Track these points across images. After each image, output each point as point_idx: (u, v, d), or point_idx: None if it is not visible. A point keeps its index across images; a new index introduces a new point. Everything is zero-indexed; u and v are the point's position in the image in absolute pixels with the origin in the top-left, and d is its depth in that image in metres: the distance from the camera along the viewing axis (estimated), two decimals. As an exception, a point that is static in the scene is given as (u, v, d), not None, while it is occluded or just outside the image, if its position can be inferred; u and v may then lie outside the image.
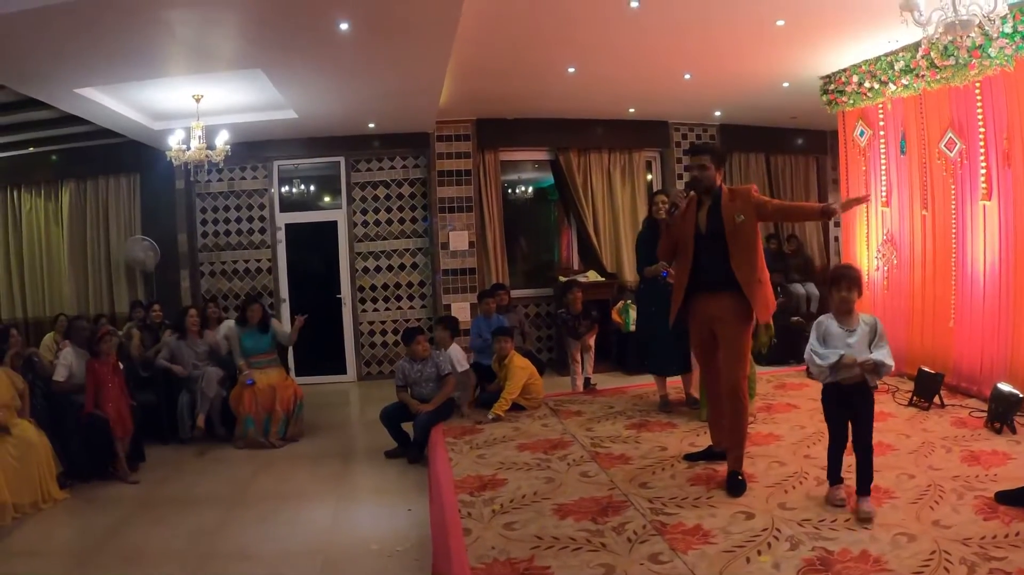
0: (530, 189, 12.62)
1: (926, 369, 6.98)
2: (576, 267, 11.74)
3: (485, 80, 8.87)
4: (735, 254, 5.04)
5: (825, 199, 12.55)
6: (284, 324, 10.71)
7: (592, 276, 11.15)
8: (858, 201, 5.53)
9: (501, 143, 11.25)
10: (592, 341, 8.61)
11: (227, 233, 11.20)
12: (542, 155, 11.72)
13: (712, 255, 5.12)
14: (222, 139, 8.43)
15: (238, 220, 11.20)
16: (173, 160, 8.28)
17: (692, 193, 5.26)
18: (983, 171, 7.00)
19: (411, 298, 11.28)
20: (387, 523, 5.52)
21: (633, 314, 9.49)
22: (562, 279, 10.98)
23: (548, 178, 12.06)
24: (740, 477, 4.94)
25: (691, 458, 5.59)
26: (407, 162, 11.30)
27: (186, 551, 5.17)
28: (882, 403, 6.88)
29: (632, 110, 10.87)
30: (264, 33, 6.38)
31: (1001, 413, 5.90)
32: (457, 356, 7.65)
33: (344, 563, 4.89)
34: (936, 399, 6.71)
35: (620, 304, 10.65)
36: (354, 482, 6.69)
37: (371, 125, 10.42)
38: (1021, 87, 6.45)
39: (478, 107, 10.43)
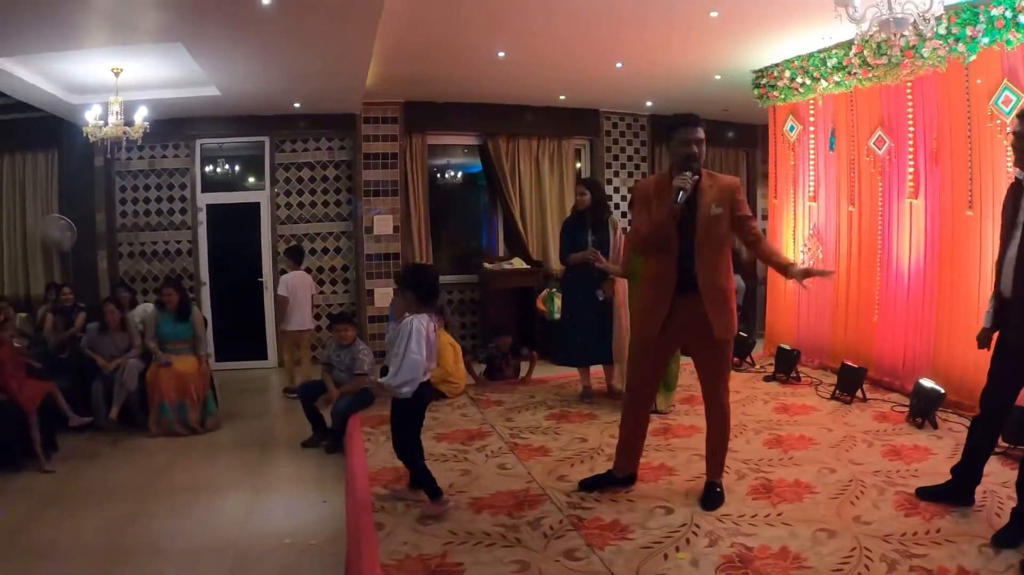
0: (459, 174, 12.43)
1: (849, 363, 6.99)
2: (502, 254, 11.60)
3: (413, 62, 8.64)
4: (700, 251, 4.37)
5: (754, 192, 12.67)
6: (204, 307, 10.48)
7: (517, 263, 11.03)
8: (822, 274, 4.69)
9: (429, 127, 11.04)
10: None
11: (147, 213, 10.76)
12: (470, 140, 11.55)
13: (686, 247, 4.40)
14: (140, 115, 8.08)
15: (158, 200, 10.77)
16: (90, 136, 7.92)
17: (697, 176, 4.39)
18: (911, 169, 7.03)
19: (334, 283, 11.01)
20: (302, 515, 5.39)
21: (558, 303, 9.36)
22: (487, 266, 10.85)
23: (477, 163, 11.88)
24: (719, 489, 4.52)
25: (587, 486, 4.77)
26: (332, 144, 11.00)
27: (97, 546, 4.93)
28: (804, 396, 6.96)
29: (563, 97, 10.74)
30: (184, 4, 6.07)
31: (923, 408, 5.91)
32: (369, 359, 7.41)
33: (256, 558, 4.72)
34: (859, 393, 6.72)
35: (545, 292, 10.53)
36: (270, 472, 6.50)
37: (296, 105, 10.13)
38: (952, 88, 6.46)
39: (406, 89, 10.19)
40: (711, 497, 4.45)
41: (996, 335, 4.25)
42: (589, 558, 3.80)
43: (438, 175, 12.09)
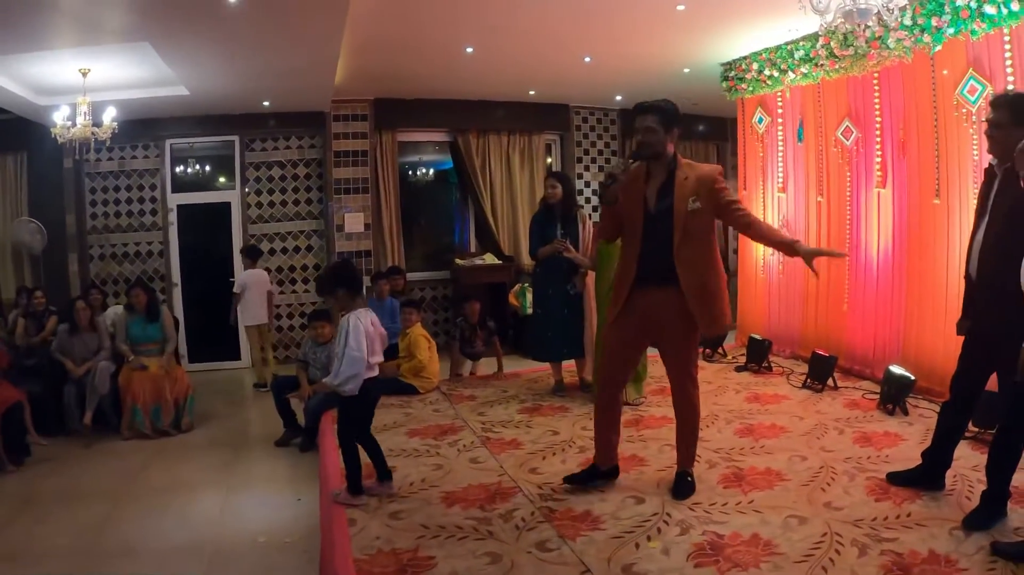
0: (431, 171, 12.38)
1: (820, 352, 7.03)
2: (473, 250, 11.58)
3: (382, 58, 8.61)
4: (680, 246, 4.27)
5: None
6: (177, 308, 10.40)
7: (489, 259, 11.02)
8: (833, 254, 4.92)
9: (399, 124, 11.01)
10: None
11: (117, 215, 10.63)
12: (441, 136, 11.54)
13: (660, 241, 4.29)
14: (109, 116, 7.98)
15: (128, 201, 10.65)
16: (58, 138, 7.84)
17: (637, 163, 4.38)
18: (878, 159, 7.08)
19: (306, 281, 10.93)
20: (277, 514, 5.38)
21: (530, 297, 9.35)
22: (459, 262, 10.83)
23: (448, 161, 11.87)
24: (690, 478, 4.49)
25: (573, 480, 4.66)
26: (303, 142, 10.94)
27: (70, 548, 4.89)
28: (776, 385, 6.98)
29: (532, 92, 10.74)
30: (150, 3, 5.99)
31: (893, 395, 5.95)
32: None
33: (231, 557, 4.71)
34: (829, 382, 6.75)
35: (517, 287, 10.54)
36: (244, 472, 6.47)
37: (266, 103, 10.06)
38: (918, 78, 6.51)
39: (376, 86, 10.15)
40: (682, 486, 4.44)
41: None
42: (561, 549, 3.79)
43: (409, 172, 12.05)
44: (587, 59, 8.83)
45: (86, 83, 7.75)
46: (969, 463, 4.60)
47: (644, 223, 4.35)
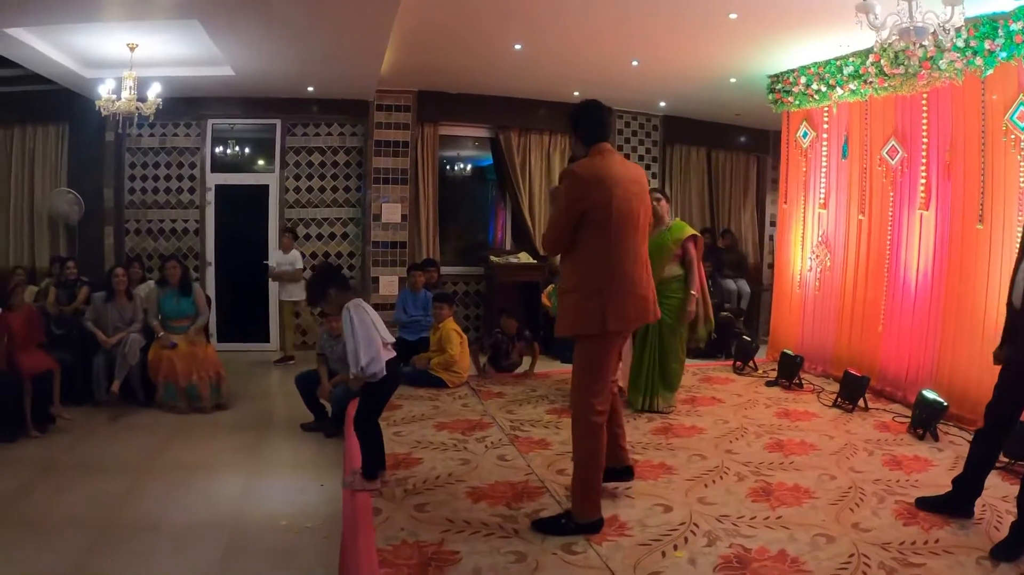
0: (469, 167, 12.39)
1: (852, 371, 6.96)
2: (508, 247, 11.59)
3: (429, 51, 8.62)
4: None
5: (763, 198, 12.74)
6: (209, 287, 10.46)
7: (524, 258, 11.01)
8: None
9: (441, 117, 11.03)
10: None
11: (155, 191, 10.71)
12: (482, 132, 11.52)
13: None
14: (154, 92, 8.05)
15: (167, 178, 10.73)
16: (102, 110, 7.88)
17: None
18: (923, 181, 7.01)
19: (339, 268, 10.95)
20: (299, 498, 5.37)
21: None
22: (494, 259, 10.82)
23: (487, 158, 11.87)
24: (564, 521, 4.09)
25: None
26: (344, 129, 10.98)
27: (89, 519, 4.91)
28: (806, 403, 6.93)
29: (576, 93, 10.68)
30: (203, -19, 6.09)
31: (924, 420, 5.89)
32: None
33: (251, 538, 4.70)
34: (860, 402, 6.70)
35: (550, 288, 10.50)
36: (269, 454, 6.47)
37: (310, 89, 10.10)
38: (967, 101, 6.44)
39: (420, 79, 10.17)
40: (550, 525, 4.12)
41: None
42: (587, 552, 3.79)
43: (448, 167, 12.05)
44: (634, 63, 8.80)
45: (133, 58, 7.81)
46: (999, 493, 4.57)
47: None
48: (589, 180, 4.03)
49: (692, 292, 6.47)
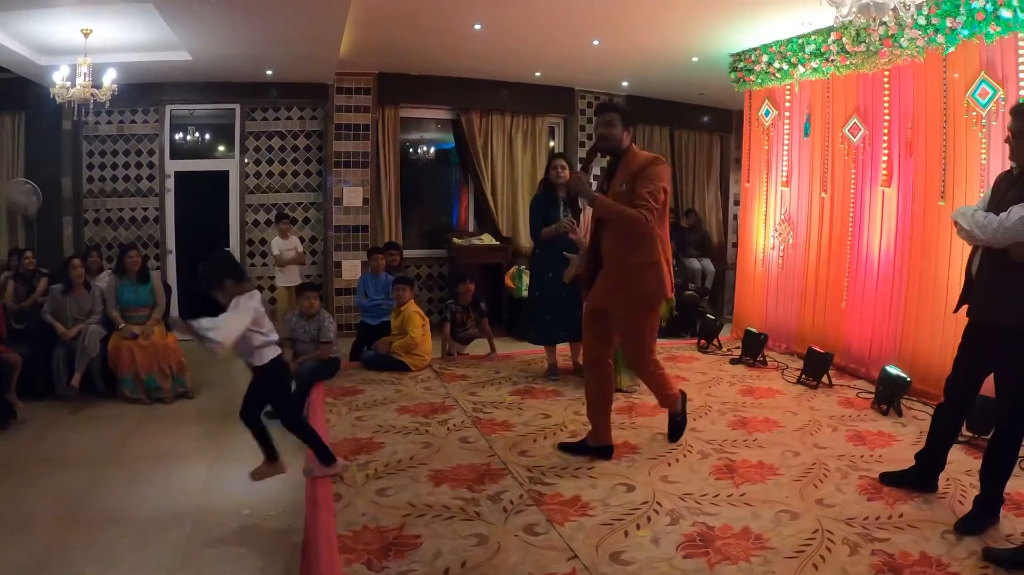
0: (431, 149, 12.28)
1: (816, 348, 6.98)
2: (471, 229, 11.51)
3: (388, 32, 8.49)
4: (607, 227, 4.72)
5: (727, 177, 12.81)
6: (170, 276, 10.32)
7: (487, 239, 10.94)
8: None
9: (402, 99, 10.89)
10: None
11: (114, 179, 10.49)
12: (444, 114, 11.42)
13: (600, 226, 4.80)
14: (109, 78, 7.85)
15: (126, 166, 10.50)
16: (56, 97, 7.67)
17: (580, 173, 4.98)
18: (885, 158, 7.02)
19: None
20: (262, 486, 5.23)
21: (526, 280, 9.29)
22: (456, 241, 10.75)
23: (450, 140, 11.76)
24: (680, 418, 5.19)
25: (566, 448, 5.03)
26: (304, 113, 10.83)
27: (53, 515, 4.80)
28: (770, 380, 6.96)
29: (538, 74, 10.65)
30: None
31: (888, 395, 5.92)
32: (334, 328, 7.33)
33: (214, 528, 4.62)
34: (824, 379, 6.72)
35: (513, 269, 10.49)
36: (231, 442, 6.33)
37: (269, 72, 9.94)
38: (929, 79, 6.43)
39: (380, 60, 10.04)
40: (677, 427, 5.20)
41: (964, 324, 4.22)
42: (549, 533, 3.75)
43: (411, 150, 11.94)
44: (596, 42, 8.73)
45: (88, 44, 7.61)
46: (962, 467, 4.58)
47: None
48: None
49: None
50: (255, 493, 5.10)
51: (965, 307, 4.13)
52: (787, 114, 8.43)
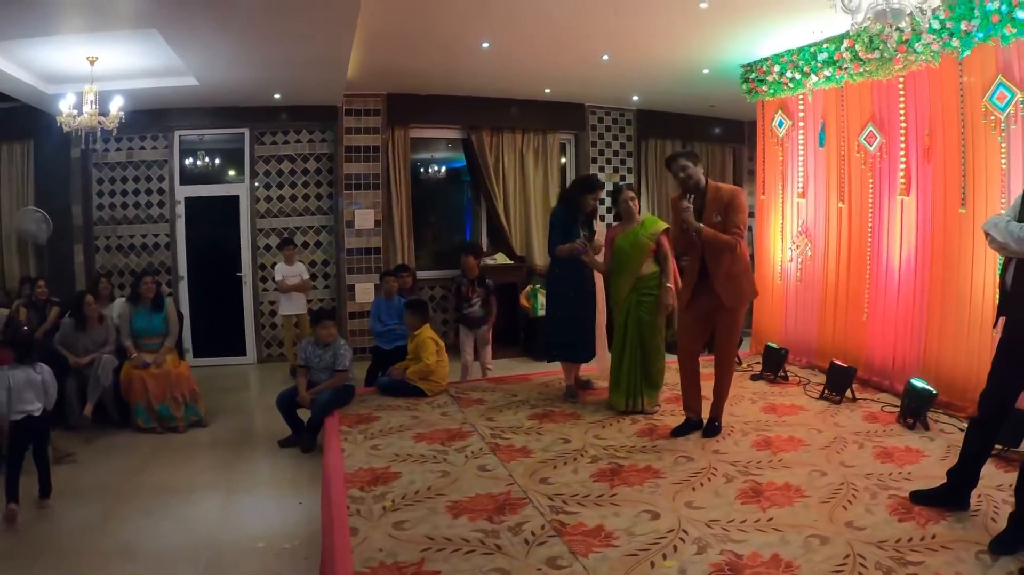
0: (443, 169, 12.25)
1: (838, 362, 6.85)
2: (485, 249, 11.44)
3: (396, 53, 8.48)
4: (708, 251, 5.57)
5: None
6: (182, 302, 10.30)
7: (501, 259, 10.89)
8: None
9: (412, 119, 10.89)
10: (490, 335, 8.29)
11: (124, 206, 10.54)
12: (454, 133, 11.41)
13: (704, 247, 5.61)
14: (116, 105, 7.87)
15: (136, 192, 10.55)
16: (64, 126, 7.70)
17: (687, 203, 5.56)
18: (902, 166, 6.90)
19: (314, 278, 10.80)
20: (277, 518, 5.25)
21: (542, 299, 9.21)
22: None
23: (461, 159, 11.74)
24: (718, 423, 5.78)
25: (677, 433, 5.75)
26: (314, 136, 10.84)
27: (67, 547, 4.80)
28: (792, 396, 6.83)
29: (548, 91, 10.61)
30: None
31: (914, 409, 5.78)
32: (349, 355, 7.25)
33: (229, 561, 4.60)
34: (848, 393, 6.59)
35: (528, 288, 10.40)
36: (246, 473, 6.36)
37: (277, 96, 9.96)
38: (945, 84, 6.35)
39: (389, 81, 10.05)
40: (711, 429, 5.76)
41: (998, 337, 4.11)
42: (572, 566, 3.63)
43: (421, 170, 11.92)
44: (605, 57, 8.69)
45: (94, 71, 7.64)
46: (993, 482, 4.45)
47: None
48: None
49: (668, 285, 6.36)
50: (270, 524, 5.13)
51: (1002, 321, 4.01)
52: (801, 124, 8.32)
